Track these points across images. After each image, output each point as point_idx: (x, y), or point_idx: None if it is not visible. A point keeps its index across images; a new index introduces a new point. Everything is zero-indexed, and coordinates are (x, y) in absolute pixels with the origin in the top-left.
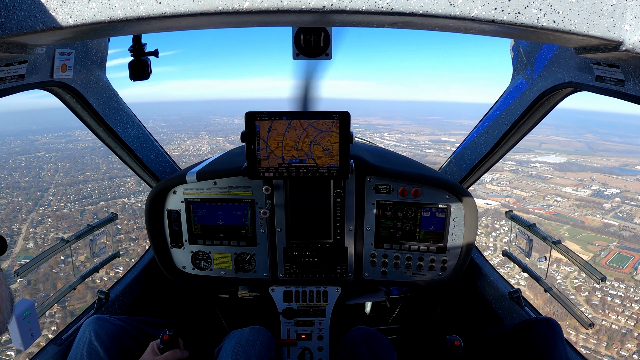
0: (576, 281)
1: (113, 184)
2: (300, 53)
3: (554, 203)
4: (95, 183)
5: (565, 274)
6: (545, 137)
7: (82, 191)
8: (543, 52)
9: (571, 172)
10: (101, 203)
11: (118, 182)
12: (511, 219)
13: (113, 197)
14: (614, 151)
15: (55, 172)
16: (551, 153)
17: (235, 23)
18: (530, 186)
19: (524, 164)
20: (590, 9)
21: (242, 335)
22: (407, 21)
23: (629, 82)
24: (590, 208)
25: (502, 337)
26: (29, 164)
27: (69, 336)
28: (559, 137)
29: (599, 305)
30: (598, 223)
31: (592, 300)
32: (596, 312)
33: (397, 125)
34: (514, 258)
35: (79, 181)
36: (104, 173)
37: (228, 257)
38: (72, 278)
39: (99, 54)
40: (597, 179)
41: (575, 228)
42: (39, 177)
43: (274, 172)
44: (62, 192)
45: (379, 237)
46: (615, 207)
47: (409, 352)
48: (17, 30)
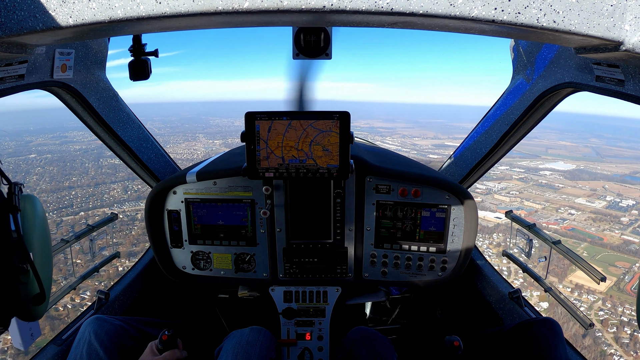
0: (601, 313)
1: (98, 191)
2: (300, 53)
3: (569, 216)
4: (80, 189)
5: (588, 303)
6: (551, 141)
7: (64, 199)
8: (543, 52)
9: (582, 180)
10: (81, 213)
11: (103, 189)
12: (511, 219)
13: (95, 206)
14: (623, 157)
15: (41, 177)
16: (559, 159)
17: (235, 23)
18: (542, 197)
19: (533, 171)
20: (590, 9)
21: (243, 335)
22: (407, 21)
23: (629, 82)
24: (608, 222)
25: (502, 337)
26: (17, 167)
27: (68, 336)
28: (565, 142)
29: (631, 345)
30: (617, 240)
31: (621, 339)
32: (628, 354)
33: (399, 129)
34: (514, 258)
35: (64, 187)
36: (91, 178)
37: (228, 257)
38: (72, 278)
39: (99, 54)
40: (610, 188)
41: (594, 246)
42: (23, 182)
43: (274, 172)
44: (43, 199)
45: (379, 237)
46: (633, 221)
47: (409, 352)
48: (17, 30)
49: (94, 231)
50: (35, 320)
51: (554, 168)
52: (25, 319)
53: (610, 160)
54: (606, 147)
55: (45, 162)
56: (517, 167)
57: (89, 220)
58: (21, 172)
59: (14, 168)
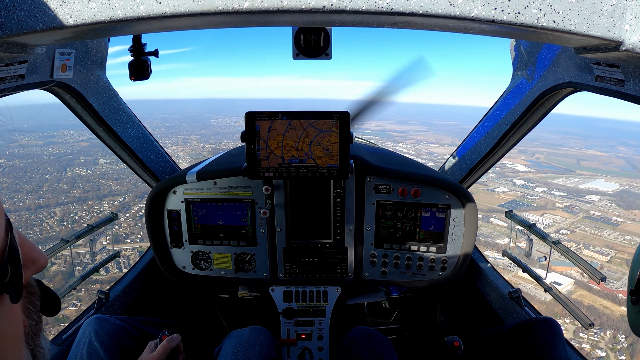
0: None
1: (32, 219)
2: (300, 53)
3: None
4: (14, 215)
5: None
6: (579, 151)
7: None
8: (543, 52)
9: (638, 209)
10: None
11: (41, 216)
12: (510, 218)
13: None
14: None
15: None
16: (596, 175)
17: (235, 23)
18: (600, 238)
19: (576, 195)
20: (590, 9)
21: (243, 335)
22: (407, 21)
23: (629, 82)
24: None
25: (502, 337)
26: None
27: (69, 336)
28: (594, 152)
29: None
30: None
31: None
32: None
33: (413, 133)
34: (514, 258)
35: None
36: (37, 198)
37: (228, 257)
38: (72, 278)
39: (99, 54)
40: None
41: None
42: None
43: (274, 172)
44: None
45: (379, 237)
46: None
47: (409, 352)
48: (17, 30)
49: (94, 231)
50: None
51: (598, 189)
52: None
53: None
54: (638, 158)
55: (6, 172)
56: (556, 189)
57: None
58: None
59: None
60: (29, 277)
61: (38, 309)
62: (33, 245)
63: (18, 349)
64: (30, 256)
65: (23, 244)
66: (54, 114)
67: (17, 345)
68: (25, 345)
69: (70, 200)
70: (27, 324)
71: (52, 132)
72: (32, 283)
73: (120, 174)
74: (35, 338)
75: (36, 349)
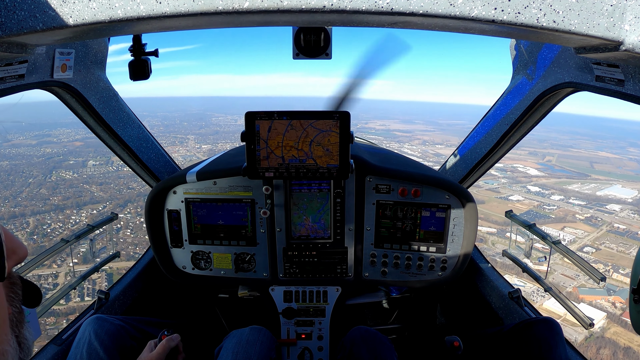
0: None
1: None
2: (300, 53)
3: None
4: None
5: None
6: (590, 152)
7: None
8: (543, 52)
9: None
10: None
11: (12, 228)
12: (510, 218)
13: None
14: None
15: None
16: (612, 180)
17: (235, 23)
18: (628, 257)
19: (596, 204)
20: (590, 9)
21: (243, 335)
22: (407, 21)
23: (629, 82)
24: None
25: (502, 337)
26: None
27: (68, 336)
28: (606, 153)
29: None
30: None
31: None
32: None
33: (418, 132)
34: (514, 258)
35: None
36: (13, 206)
37: (228, 257)
38: (72, 278)
39: (99, 54)
40: None
41: None
42: None
43: (274, 172)
44: None
45: (379, 237)
46: None
47: (409, 352)
48: (17, 30)
49: (94, 231)
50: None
51: (617, 197)
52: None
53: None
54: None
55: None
56: (573, 197)
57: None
58: None
59: None
60: (11, 267)
61: (20, 298)
62: (14, 237)
63: (4, 332)
64: (11, 247)
65: (5, 236)
66: (54, 112)
67: (3, 328)
68: (11, 332)
69: (47, 209)
70: (11, 312)
71: (48, 130)
72: (14, 274)
73: (105, 179)
74: (20, 326)
75: (20, 337)
